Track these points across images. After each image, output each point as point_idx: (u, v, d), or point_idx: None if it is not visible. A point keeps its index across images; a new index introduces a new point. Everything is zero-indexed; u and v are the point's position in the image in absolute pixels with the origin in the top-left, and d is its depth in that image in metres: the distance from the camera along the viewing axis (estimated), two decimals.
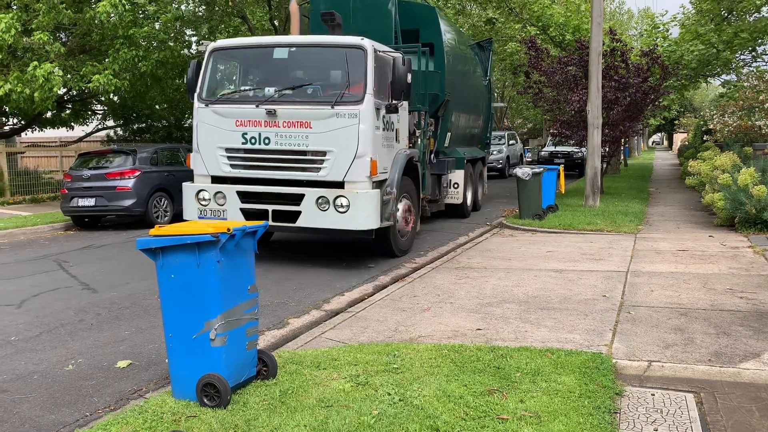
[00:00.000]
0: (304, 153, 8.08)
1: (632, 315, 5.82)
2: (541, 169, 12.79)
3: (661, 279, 7.28)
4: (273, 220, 8.15)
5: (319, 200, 7.98)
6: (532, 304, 6.30)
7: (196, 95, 8.61)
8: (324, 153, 7.99)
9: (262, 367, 4.22)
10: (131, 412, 3.73)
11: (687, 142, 38.28)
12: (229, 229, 3.79)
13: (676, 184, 22.07)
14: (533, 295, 6.66)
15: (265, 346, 5.15)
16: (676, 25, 23.00)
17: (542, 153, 27.86)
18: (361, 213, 7.89)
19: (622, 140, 19.64)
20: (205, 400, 3.78)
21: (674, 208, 14.94)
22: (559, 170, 14.20)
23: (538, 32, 22.23)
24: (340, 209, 7.91)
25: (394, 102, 8.33)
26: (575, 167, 25.53)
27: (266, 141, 8.15)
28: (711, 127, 21.53)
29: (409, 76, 8.32)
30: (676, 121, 53.48)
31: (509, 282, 7.28)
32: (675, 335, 5.20)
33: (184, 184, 8.78)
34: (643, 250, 9.18)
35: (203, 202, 8.51)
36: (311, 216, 8.01)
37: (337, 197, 7.91)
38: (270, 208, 8.20)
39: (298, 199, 8.10)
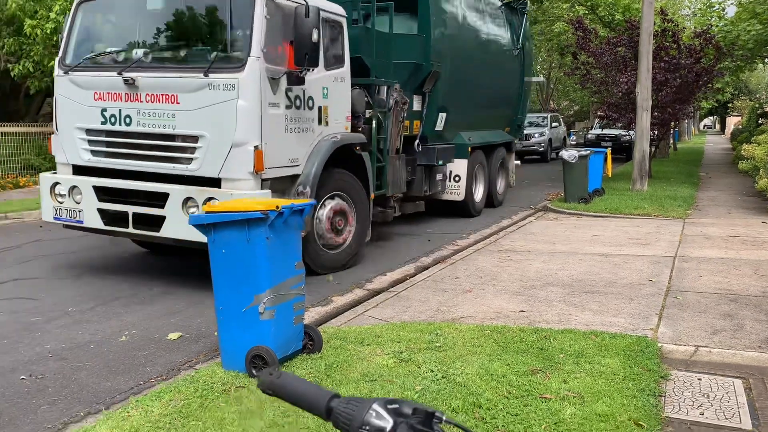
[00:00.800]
0: (171, 137, 6.11)
1: (679, 300, 5.72)
2: (588, 152, 12.58)
3: (710, 264, 7.13)
4: (134, 226, 6.26)
5: (187, 203, 5.96)
6: (577, 287, 6.25)
7: (57, 60, 6.80)
8: (195, 138, 5.97)
9: (308, 341, 4.33)
10: (183, 382, 3.87)
11: (741, 126, 37.03)
12: (277, 207, 3.88)
13: (727, 169, 21.41)
14: (578, 278, 6.61)
15: (309, 322, 5.25)
16: (732, 3, 22.16)
17: (589, 136, 27.34)
18: None
19: (672, 123, 19.10)
20: (254, 371, 3.89)
21: (725, 193, 14.52)
22: (606, 153, 13.94)
23: (587, 12, 21.72)
24: None
25: (296, 69, 6.11)
26: (622, 151, 24.97)
27: (127, 120, 6.22)
28: (767, 109, 20.75)
29: (315, 33, 6.07)
30: (730, 105, 51.72)
31: (553, 265, 7.23)
32: (724, 321, 5.10)
33: (40, 175, 7.01)
34: (692, 236, 8.98)
35: (59, 199, 6.65)
36: (177, 224, 5.93)
37: (208, 199, 5.78)
38: (131, 210, 6.25)
39: (161, 199, 6.09)
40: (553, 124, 27.24)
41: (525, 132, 24.22)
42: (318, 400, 1.06)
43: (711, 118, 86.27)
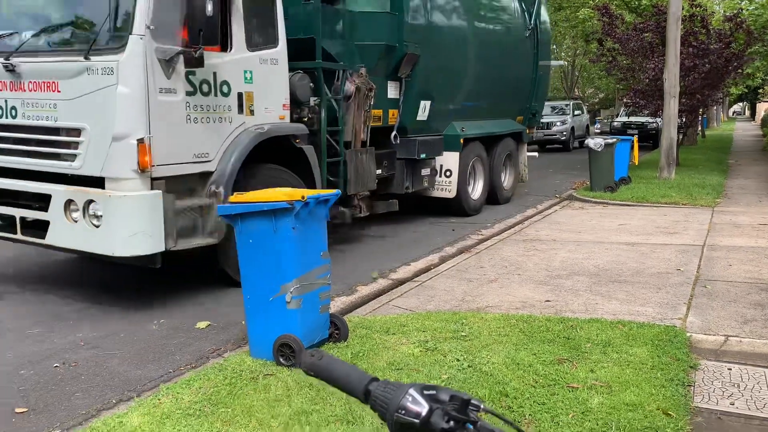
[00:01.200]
0: (54, 131, 5.38)
1: (708, 289, 5.65)
2: (614, 139, 12.42)
3: (740, 253, 7.01)
4: (22, 232, 5.63)
5: (69, 206, 5.27)
6: (603, 276, 6.20)
7: None
8: (78, 132, 5.23)
9: (335, 330, 4.37)
10: (212, 370, 3.93)
11: None
12: (303, 197, 3.91)
13: (758, 156, 21.00)
14: (604, 267, 6.55)
15: (335, 311, 5.30)
16: None
17: (614, 123, 26.95)
18: (118, 230, 5.03)
19: (700, 110, 18.78)
20: (281, 360, 3.94)
21: (756, 180, 14.24)
22: (632, 141, 13.75)
23: None
24: (93, 221, 5.14)
25: (190, 49, 5.15)
26: (649, 138, 24.62)
27: (13, 112, 5.57)
28: None
29: (210, 5, 5.02)
30: (761, 90, 50.57)
31: (579, 254, 7.17)
32: (754, 310, 5.02)
33: None
34: (721, 224, 8.83)
35: None
36: (61, 229, 5.32)
37: (89, 202, 5.15)
38: (17, 213, 5.61)
39: (45, 201, 5.41)
40: (576, 112, 26.13)
41: (546, 120, 23.06)
42: (357, 383, 1.08)
43: (740, 104, 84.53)
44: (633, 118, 25.21)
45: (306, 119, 6.80)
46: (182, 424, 3.22)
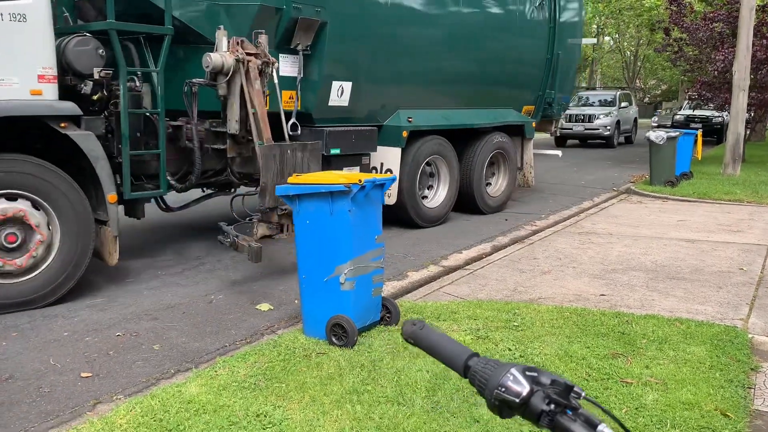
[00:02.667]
0: None
1: None
2: (677, 133, 12.03)
3: None
4: None
5: None
6: (661, 273, 6.05)
7: None
8: None
9: (386, 313, 4.42)
10: (266, 345, 4.03)
11: None
12: (360, 180, 3.95)
13: None
14: (662, 264, 6.39)
15: (386, 295, 5.34)
16: None
17: (677, 117, 26.02)
18: None
19: None
20: (334, 339, 4.01)
21: None
22: (696, 135, 13.29)
23: None
24: None
25: None
26: (714, 133, 23.72)
27: None
28: None
29: None
30: None
31: (636, 249, 7.01)
32: None
33: None
34: None
35: None
36: None
37: None
38: None
39: None
40: (623, 104, 23.18)
41: (588, 112, 21.09)
42: (457, 356, 1.09)
43: None
44: (697, 112, 24.29)
45: (97, 97, 5.36)
46: (238, 396, 3.32)
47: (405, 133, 7.63)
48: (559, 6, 9.64)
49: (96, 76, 5.19)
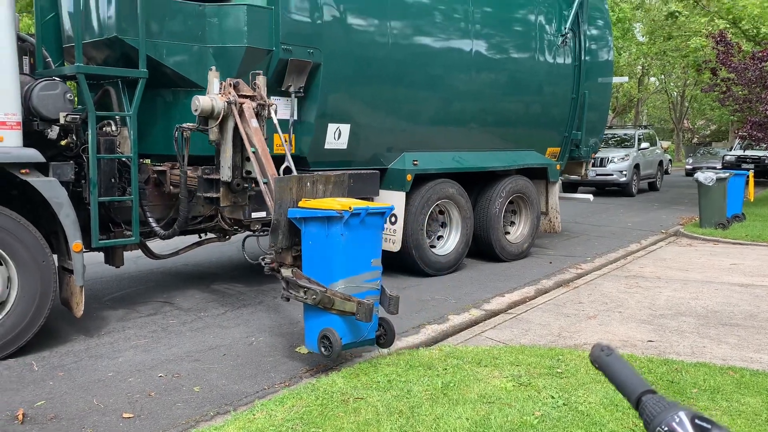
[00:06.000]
0: None
1: None
2: (727, 174, 11.72)
3: None
4: None
5: None
6: (712, 318, 5.82)
7: None
8: None
9: (382, 333, 4.64)
10: (304, 389, 4.01)
11: None
12: (350, 208, 4.32)
13: None
14: (713, 309, 6.15)
15: (425, 340, 5.30)
16: None
17: (727, 157, 25.33)
18: None
19: None
20: (322, 350, 4.33)
21: None
22: (747, 176, 12.92)
23: (728, 26, 20.36)
24: None
25: None
26: (766, 173, 23.02)
27: None
28: None
29: None
30: None
31: (686, 294, 6.78)
32: None
33: None
34: None
35: None
36: None
37: None
38: None
39: None
40: (643, 145, 19.79)
41: (600, 155, 17.55)
42: (633, 389, 1.14)
43: None
44: (749, 152, 23.69)
45: (67, 143, 5.31)
46: None
47: (409, 177, 7.28)
48: (586, 43, 9.33)
49: (62, 121, 5.06)
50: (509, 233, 8.99)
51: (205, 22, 5.86)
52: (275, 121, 5.52)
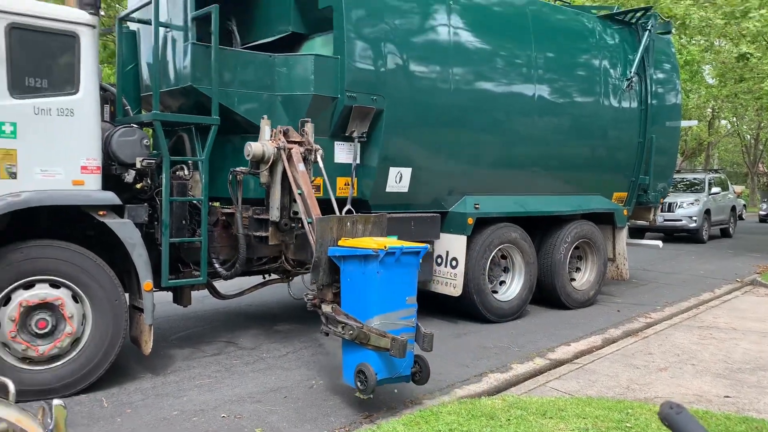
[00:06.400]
0: None
1: None
2: None
3: None
4: None
5: None
6: None
7: None
8: None
9: (418, 370, 4.68)
10: None
11: None
12: (385, 246, 4.43)
13: None
14: None
15: (487, 389, 5.19)
16: None
17: None
18: None
19: None
20: (358, 384, 4.43)
21: None
22: None
23: None
24: None
25: None
26: None
27: None
28: None
29: None
30: None
31: (765, 347, 6.42)
32: None
33: None
34: None
35: None
36: None
37: None
38: None
39: None
40: (714, 189, 18.93)
41: (667, 200, 16.57)
42: None
43: None
44: None
45: (141, 186, 5.57)
46: None
47: (471, 220, 7.24)
48: (652, 87, 9.19)
49: (138, 165, 5.33)
50: (575, 280, 8.76)
51: (274, 72, 6.09)
52: (321, 166, 5.71)
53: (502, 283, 7.93)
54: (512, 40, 7.70)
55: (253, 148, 5.43)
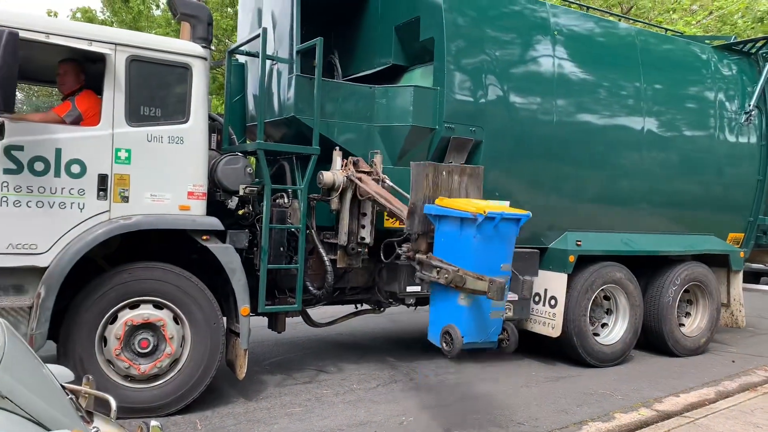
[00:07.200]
0: None
1: None
2: None
3: None
4: None
5: None
6: None
7: None
8: None
9: (506, 338, 4.67)
10: None
11: None
12: (485, 211, 4.31)
13: None
14: None
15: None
16: None
17: None
18: None
19: None
20: (444, 345, 4.43)
21: None
22: None
23: None
24: None
25: None
26: None
27: None
28: None
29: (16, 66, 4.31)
30: None
31: None
32: None
33: None
34: None
35: None
36: None
37: None
38: None
39: None
40: None
41: None
42: None
43: None
44: None
45: (243, 212, 5.86)
46: None
47: (572, 258, 6.90)
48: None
49: (241, 192, 5.48)
50: (684, 325, 8.13)
51: (374, 103, 6.13)
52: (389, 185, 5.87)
53: (604, 325, 7.48)
54: (619, 71, 7.38)
55: (324, 177, 5.74)
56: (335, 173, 5.77)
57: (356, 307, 7.04)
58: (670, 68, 7.87)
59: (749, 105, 8.29)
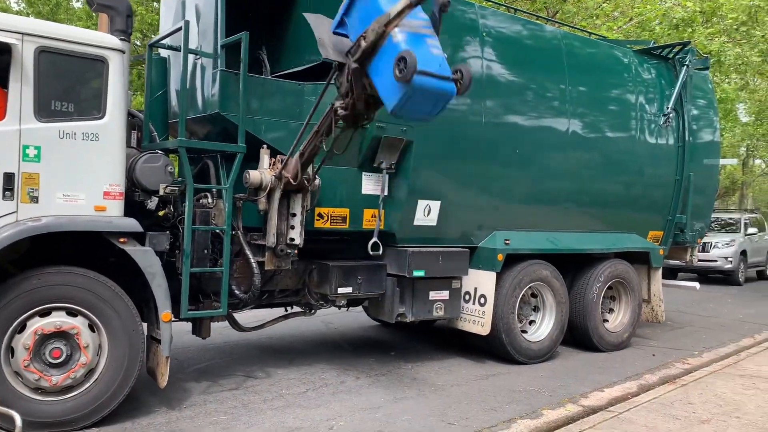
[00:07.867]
0: None
1: None
2: None
3: None
4: None
5: None
6: None
7: None
8: None
9: (460, 77, 4.38)
10: None
11: None
12: None
13: None
14: None
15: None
16: None
17: None
18: None
19: None
20: (396, 72, 4.10)
21: None
22: None
23: None
24: None
25: None
26: None
27: None
28: None
29: None
30: None
31: None
32: None
33: None
34: None
35: None
36: None
37: None
38: None
39: None
40: (751, 230, 18.38)
41: (703, 240, 14.92)
42: None
43: None
44: None
45: (163, 213, 5.62)
46: None
47: (500, 257, 6.97)
48: (690, 124, 8.90)
49: (161, 192, 5.22)
50: (608, 321, 8.38)
51: (303, 100, 5.96)
52: (307, 198, 5.84)
53: (531, 322, 7.60)
54: (546, 73, 7.50)
55: (251, 176, 5.57)
56: (263, 172, 5.61)
57: (286, 310, 6.87)
58: (594, 71, 8.11)
59: (667, 108, 8.61)
